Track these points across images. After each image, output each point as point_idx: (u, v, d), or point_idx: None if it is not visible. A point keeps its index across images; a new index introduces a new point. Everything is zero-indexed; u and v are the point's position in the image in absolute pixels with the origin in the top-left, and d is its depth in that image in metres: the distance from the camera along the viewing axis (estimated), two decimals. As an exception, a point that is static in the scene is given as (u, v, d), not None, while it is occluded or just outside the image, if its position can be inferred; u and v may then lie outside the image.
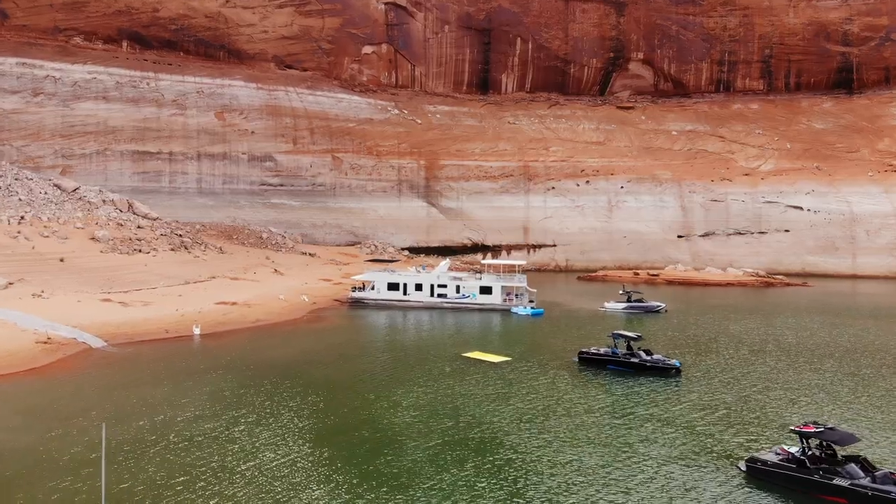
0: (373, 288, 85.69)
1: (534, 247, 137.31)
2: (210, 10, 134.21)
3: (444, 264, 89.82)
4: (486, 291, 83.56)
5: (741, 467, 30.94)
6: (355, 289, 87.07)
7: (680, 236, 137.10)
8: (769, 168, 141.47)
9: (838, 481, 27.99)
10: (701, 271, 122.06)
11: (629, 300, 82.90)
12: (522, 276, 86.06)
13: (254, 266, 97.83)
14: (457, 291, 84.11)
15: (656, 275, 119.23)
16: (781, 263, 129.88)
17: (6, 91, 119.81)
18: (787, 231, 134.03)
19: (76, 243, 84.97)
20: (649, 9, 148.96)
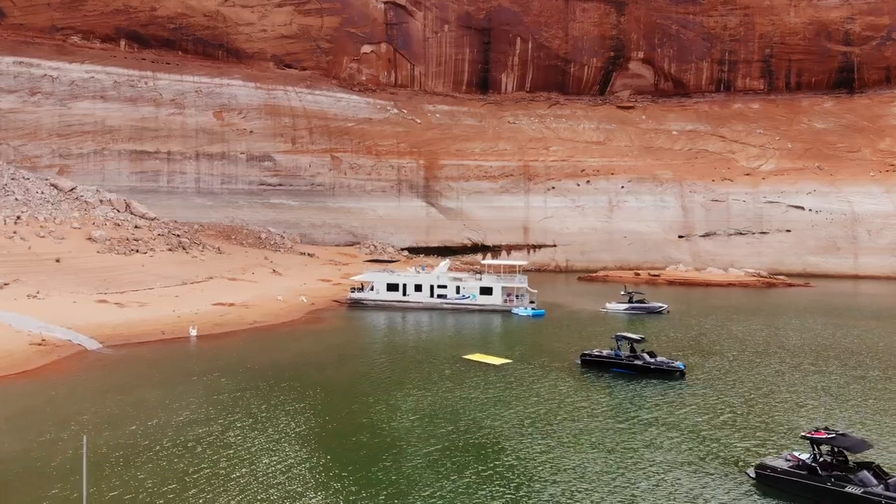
0: (372, 288, 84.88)
1: (534, 247, 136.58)
2: (209, 9, 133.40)
3: (444, 265, 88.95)
4: (487, 292, 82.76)
5: (750, 474, 30.11)
6: (354, 289, 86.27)
7: (681, 236, 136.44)
8: (770, 168, 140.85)
9: (851, 489, 27.20)
10: (702, 272, 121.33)
11: (631, 301, 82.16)
12: (523, 277, 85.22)
13: (252, 266, 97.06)
14: (457, 292, 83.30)
15: (657, 275, 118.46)
16: (783, 264, 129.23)
17: (3, 90, 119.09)
18: (789, 231, 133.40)
19: (73, 243, 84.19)
20: (650, 8, 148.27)
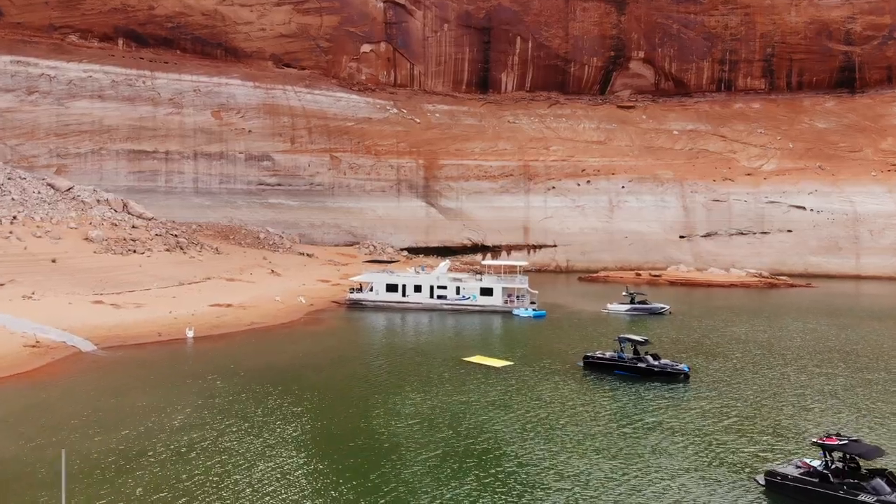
0: (371, 289, 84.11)
1: (534, 247, 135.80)
2: (207, 8, 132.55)
3: (444, 265, 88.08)
4: (487, 293, 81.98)
5: (759, 481, 29.30)
6: (353, 290, 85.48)
7: (682, 237, 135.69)
8: (771, 168, 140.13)
9: (864, 497, 26.42)
10: (703, 272, 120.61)
11: (632, 302, 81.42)
12: (524, 277, 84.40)
13: (250, 267, 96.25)
14: (457, 293, 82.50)
15: (658, 275, 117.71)
16: (784, 264, 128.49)
17: (0, 89, 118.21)
18: (790, 231, 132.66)
19: (69, 244, 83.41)
20: (650, 7, 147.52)
